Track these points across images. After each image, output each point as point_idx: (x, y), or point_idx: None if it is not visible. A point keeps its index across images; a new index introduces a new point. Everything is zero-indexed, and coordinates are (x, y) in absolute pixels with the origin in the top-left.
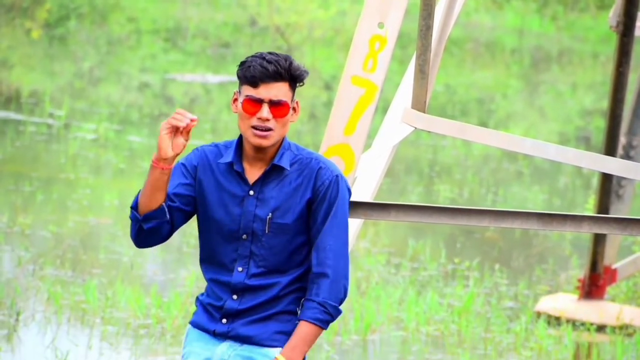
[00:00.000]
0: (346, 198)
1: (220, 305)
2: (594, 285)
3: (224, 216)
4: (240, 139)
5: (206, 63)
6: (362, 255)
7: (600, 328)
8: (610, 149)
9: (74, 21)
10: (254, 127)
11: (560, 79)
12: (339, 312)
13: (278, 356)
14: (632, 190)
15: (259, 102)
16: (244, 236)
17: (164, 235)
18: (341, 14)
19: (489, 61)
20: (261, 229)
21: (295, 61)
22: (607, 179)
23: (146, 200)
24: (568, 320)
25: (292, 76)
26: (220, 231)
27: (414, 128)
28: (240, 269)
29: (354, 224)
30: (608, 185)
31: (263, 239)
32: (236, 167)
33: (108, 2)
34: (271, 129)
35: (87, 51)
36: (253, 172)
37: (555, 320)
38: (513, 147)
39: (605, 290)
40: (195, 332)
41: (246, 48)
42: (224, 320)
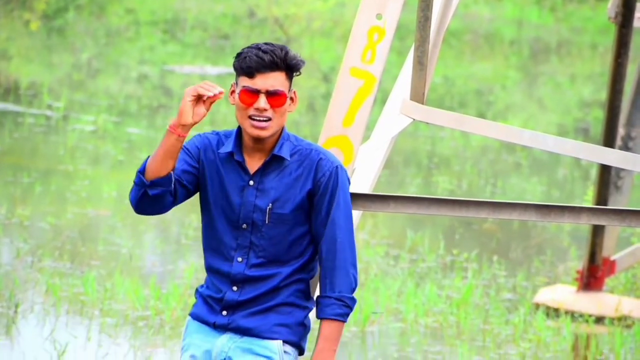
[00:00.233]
0: (347, 188)
1: (220, 297)
2: (592, 276)
3: (224, 205)
4: (239, 129)
5: (205, 54)
6: (361, 247)
7: (599, 319)
8: (608, 141)
9: (72, 12)
10: (251, 118)
11: (559, 70)
12: (355, 302)
13: None
14: (631, 181)
15: (255, 92)
16: (244, 226)
17: (166, 205)
18: (340, 5)
19: (487, 52)
20: (261, 219)
21: (292, 51)
22: (605, 171)
23: (156, 165)
24: (567, 312)
25: (289, 65)
26: (221, 219)
27: (413, 119)
28: (240, 259)
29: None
30: (607, 176)
31: (263, 229)
32: (236, 157)
33: None
34: (269, 118)
35: (86, 42)
36: (253, 162)
37: (553, 312)
38: (511, 139)
39: (603, 281)
40: (195, 324)
41: (245, 39)
42: (224, 312)
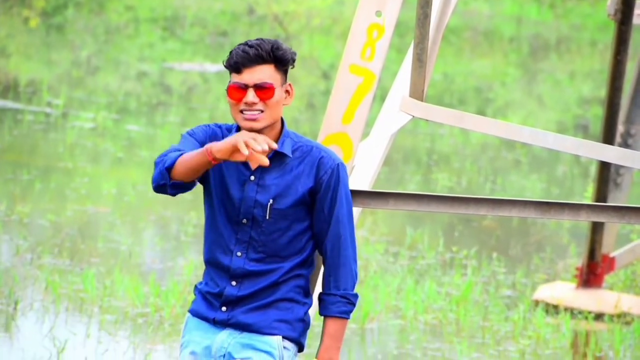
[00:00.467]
0: (347, 184)
1: (219, 293)
2: (592, 273)
3: (225, 199)
4: (238, 127)
5: (204, 52)
6: (360, 244)
7: (598, 316)
8: (608, 138)
9: (71, 10)
10: (242, 112)
11: (558, 67)
12: (358, 298)
13: None
14: (630, 178)
15: (243, 87)
16: (244, 221)
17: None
18: (339, 3)
19: (487, 50)
20: (261, 215)
21: (283, 44)
22: (605, 168)
23: (184, 172)
24: (566, 309)
25: (276, 57)
26: (221, 213)
27: (412, 116)
28: (239, 253)
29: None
30: (606, 173)
31: (263, 225)
32: None
33: None
34: (261, 110)
35: (85, 40)
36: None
37: (553, 309)
38: (511, 136)
39: (603, 278)
40: (195, 321)
41: (244, 37)
42: (224, 308)
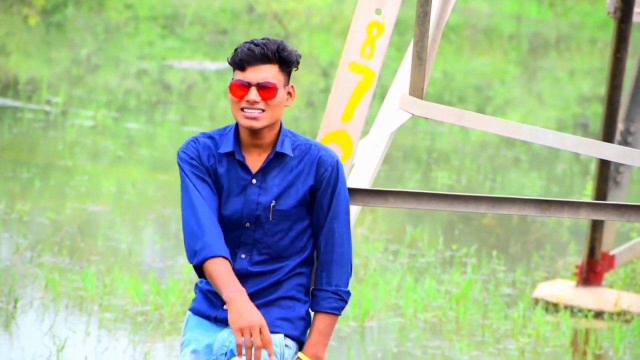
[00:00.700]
0: (345, 181)
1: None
2: (591, 271)
3: (226, 205)
4: (236, 127)
5: (204, 50)
6: (360, 242)
7: (598, 314)
8: (608, 136)
9: (71, 8)
10: (243, 110)
11: (558, 65)
12: (350, 295)
13: (301, 355)
14: (630, 176)
15: (246, 85)
16: (247, 224)
17: None
18: (339, 1)
19: (486, 47)
20: (265, 217)
21: (289, 45)
22: (604, 166)
23: (209, 280)
24: (566, 307)
25: (281, 58)
26: (223, 219)
27: (412, 115)
28: (243, 256)
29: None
30: (606, 171)
31: (266, 227)
32: (237, 157)
33: None
34: (262, 110)
35: (85, 38)
36: (253, 160)
37: (553, 307)
38: (511, 134)
39: (603, 276)
40: (196, 319)
41: (244, 35)
42: (226, 307)
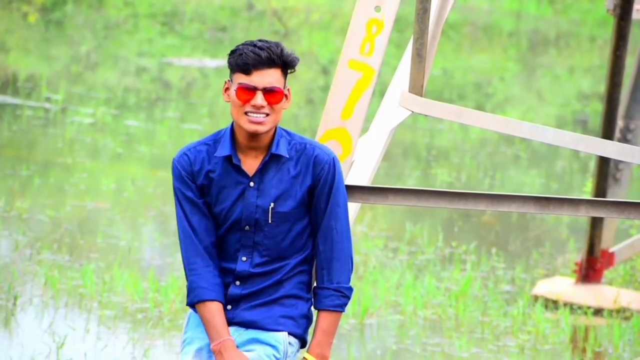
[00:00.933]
0: (342, 177)
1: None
2: (591, 268)
3: (225, 209)
4: (231, 131)
5: (203, 47)
6: (360, 239)
7: (598, 312)
8: (607, 133)
9: (70, 5)
10: (247, 114)
11: (557, 63)
12: (352, 291)
13: (306, 355)
14: (630, 173)
15: (252, 89)
16: (247, 227)
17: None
18: None
19: (486, 45)
20: (264, 219)
21: (286, 47)
22: (604, 163)
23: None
24: (565, 304)
25: (285, 62)
26: (223, 224)
27: (412, 112)
28: (244, 258)
29: (352, 208)
30: (605, 168)
31: (266, 229)
32: (234, 161)
33: None
34: (266, 114)
35: (84, 35)
36: (250, 163)
37: (552, 304)
38: (510, 131)
39: (602, 273)
40: (197, 318)
41: (243, 32)
42: (229, 307)
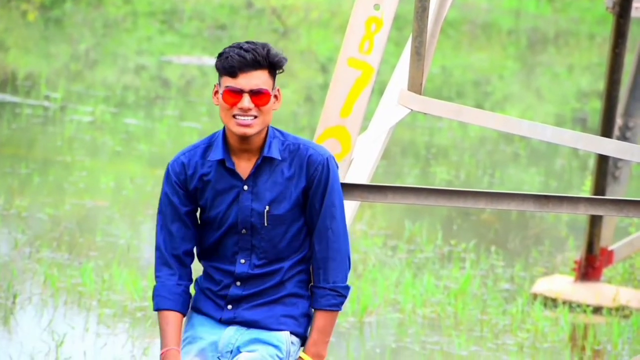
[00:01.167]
0: (337, 177)
1: (224, 293)
2: (590, 267)
3: (221, 213)
4: (224, 133)
5: (202, 45)
6: (359, 237)
7: (597, 310)
8: (606, 131)
9: (69, 3)
10: (235, 117)
11: (556, 61)
12: (349, 289)
13: (302, 355)
14: (629, 171)
15: (239, 92)
16: (243, 230)
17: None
18: None
19: (485, 43)
20: (260, 222)
21: (274, 48)
22: (603, 161)
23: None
24: (564, 302)
25: (271, 63)
26: (219, 227)
27: (410, 110)
28: (242, 260)
29: (351, 206)
30: (604, 166)
31: (262, 232)
32: (228, 164)
33: None
34: (255, 116)
35: (83, 33)
36: (243, 166)
37: (551, 302)
38: (509, 129)
39: (601, 272)
40: (199, 317)
41: (242, 30)
42: (230, 307)
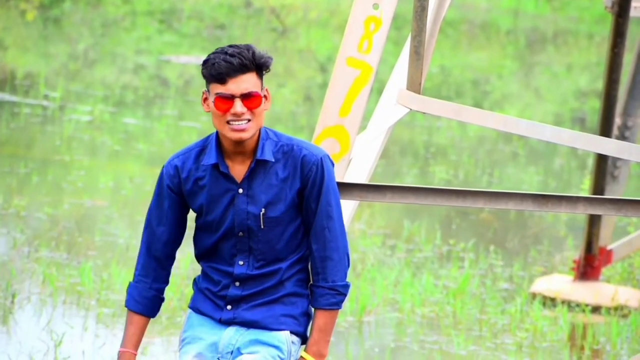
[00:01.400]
0: (333, 176)
1: (223, 294)
2: (589, 266)
3: (217, 216)
4: (217, 137)
5: (201, 45)
6: (358, 237)
7: (596, 309)
8: (605, 130)
9: (68, 2)
10: (229, 122)
11: (555, 60)
12: (349, 287)
13: (303, 354)
14: (627, 171)
15: (230, 98)
16: (240, 233)
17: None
18: None
19: (484, 42)
20: (256, 225)
21: (258, 49)
22: (602, 160)
23: None
24: (563, 302)
25: (258, 65)
26: (217, 231)
27: (409, 109)
28: (241, 262)
29: (350, 206)
30: (603, 166)
31: (259, 234)
32: (222, 168)
33: None
34: (248, 120)
35: (82, 33)
36: (237, 169)
37: (550, 302)
38: (508, 128)
39: (600, 271)
40: (198, 317)
41: (241, 30)
42: (229, 307)
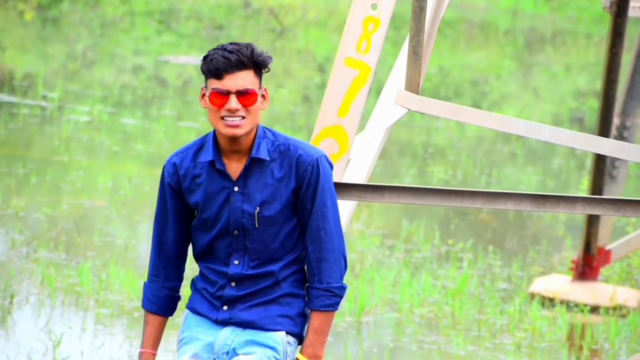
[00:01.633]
0: (329, 176)
1: (219, 294)
2: (587, 266)
3: (212, 214)
4: (214, 135)
5: (200, 45)
6: (356, 237)
7: (594, 309)
8: (603, 130)
9: (67, 3)
10: (223, 118)
11: (554, 60)
12: (345, 289)
13: (299, 356)
14: (626, 171)
15: (225, 93)
16: (235, 232)
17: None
18: None
19: (482, 42)
20: (251, 224)
21: (258, 47)
22: (600, 160)
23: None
24: (562, 302)
25: (256, 63)
26: (212, 229)
27: (408, 110)
28: (236, 262)
29: (348, 206)
30: (602, 166)
31: (254, 233)
32: (218, 166)
33: None
34: (242, 117)
35: (81, 33)
36: (233, 167)
37: (549, 302)
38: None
39: (599, 271)
40: (195, 318)
41: (240, 30)
42: (225, 307)
